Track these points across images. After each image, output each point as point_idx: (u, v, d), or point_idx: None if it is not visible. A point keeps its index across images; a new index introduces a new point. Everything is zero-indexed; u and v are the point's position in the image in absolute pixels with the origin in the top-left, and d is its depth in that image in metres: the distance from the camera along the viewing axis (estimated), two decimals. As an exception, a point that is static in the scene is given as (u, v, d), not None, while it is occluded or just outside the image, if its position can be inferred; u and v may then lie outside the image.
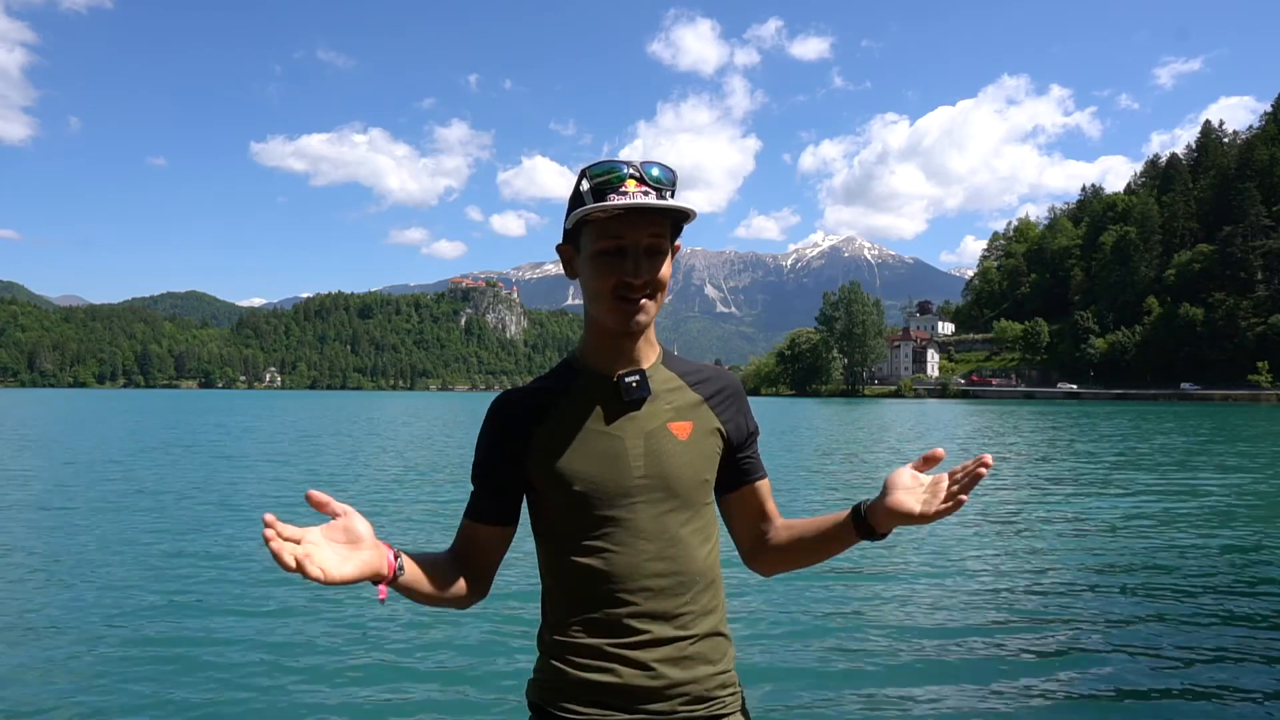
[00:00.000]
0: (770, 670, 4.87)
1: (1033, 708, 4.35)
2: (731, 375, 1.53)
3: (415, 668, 4.93)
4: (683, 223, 1.39)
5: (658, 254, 1.35)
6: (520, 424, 1.41)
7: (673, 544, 1.37)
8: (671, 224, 1.37)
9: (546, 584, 1.43)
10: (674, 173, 1.36)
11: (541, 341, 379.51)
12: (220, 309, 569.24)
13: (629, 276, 1.32)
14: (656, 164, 1.35)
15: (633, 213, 1.30)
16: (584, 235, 1.35)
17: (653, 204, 1.29)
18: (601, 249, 1.33)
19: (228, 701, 4.41)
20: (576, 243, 1.38)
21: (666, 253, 1.36)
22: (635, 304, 1.34)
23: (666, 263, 1.37)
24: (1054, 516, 10.59)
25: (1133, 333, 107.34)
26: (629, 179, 1.31)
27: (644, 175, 1.32)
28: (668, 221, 1.36)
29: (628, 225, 1.31)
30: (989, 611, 6.12)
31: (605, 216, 1.31)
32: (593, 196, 1.31)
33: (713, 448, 1.44)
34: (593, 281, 1.35)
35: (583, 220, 1.33)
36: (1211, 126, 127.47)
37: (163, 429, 30.98)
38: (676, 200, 1.32)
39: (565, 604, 1.38)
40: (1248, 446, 23.14)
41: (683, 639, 1.35)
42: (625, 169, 1.32)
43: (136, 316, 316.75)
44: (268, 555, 5.37)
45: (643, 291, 1.34)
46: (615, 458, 1.37)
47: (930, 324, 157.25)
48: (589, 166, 1.35)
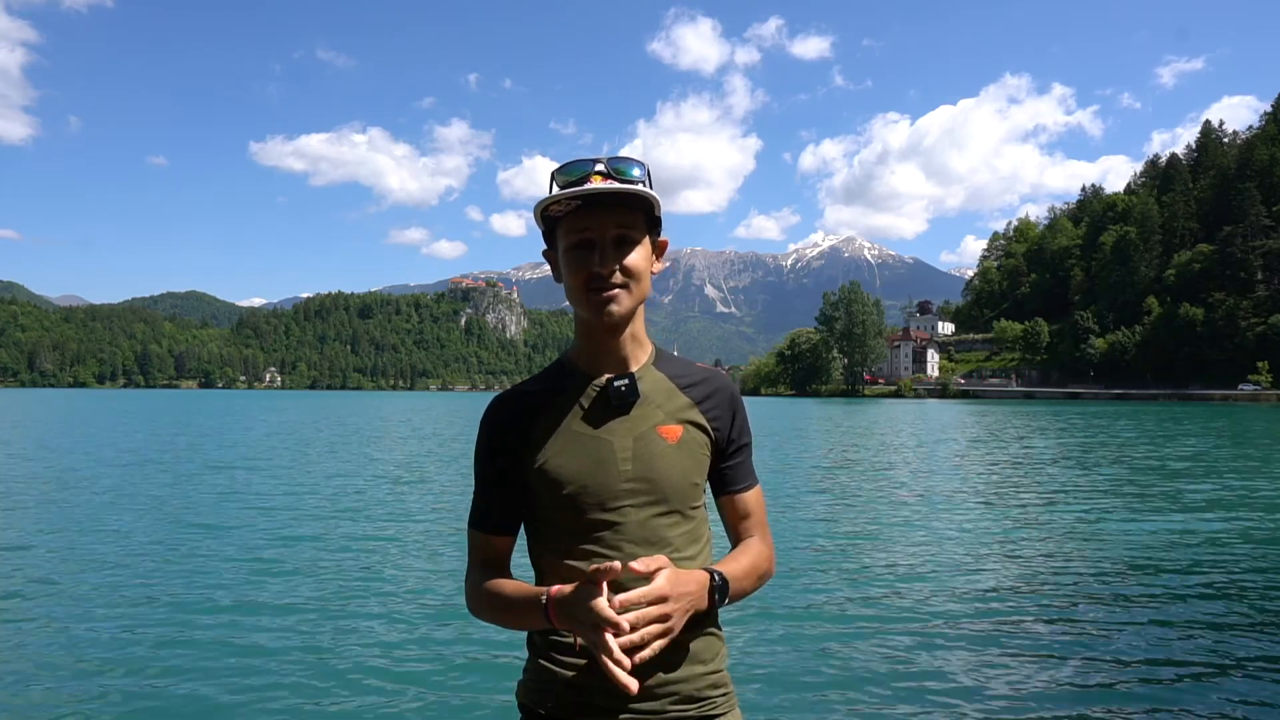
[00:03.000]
0: (765, 670, 4.87)
1: (1033, 708, 4.36)
2: (727, 379, 1.51)
3: (405, 669, 4.93)
4: (653, 212, 1.37)
5: (627, 244, 1.34)
6: (514, 426, 1.41)
7: (661, 547, 1.36)
8: (646, 215, 1.37)
9: (537, 584, 1.42)
10: (644, 165, 1.36)
11: (541, 341, 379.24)
12: (220, 309, 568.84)
13: (596, 267, 1.32)
14: (626, 158, 1.35)
15: (596, 204, 1.31)
16: (558, 234, 1.37)
17: (597, 188, 1.29)
18: (570, 244, 1.34)
19: (221, 702, 4.41)
20: (554, 244, 1.40)
21: (637, 243, 1.36)
22: (605, 294, 1.34)
23: (638, 252, 1.36)
24: (1057, 517, 10.60)
25: (1133, 333, 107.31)
26: (594, 174, 1.32)
27: (609, 169, 1.32)
28: (638, 212, 1.35)
29: (593, 218, 1.32)
30: (989, 611, 6.13)
31: (572, 213, 1.32)
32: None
33: (702, 451, 1.44)
34: (567, 278, 1.36)
35: (555, 221, 1.35)
36: (1211, 126, 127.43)
37: (178, 432, 30.90)
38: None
39: None
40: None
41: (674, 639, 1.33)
42: (591, 165, 1.33)
43: (136, 316, 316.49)
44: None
45: (612, 281, 1.33)
46: (603, 461, 1.36)
47: (930, 324, 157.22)
48: (557, 168, 1.37)
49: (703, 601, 1.33)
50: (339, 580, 7.08)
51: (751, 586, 1.45)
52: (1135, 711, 4.31)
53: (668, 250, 1.48)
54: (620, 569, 1.24)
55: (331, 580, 7.07)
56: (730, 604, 1.38)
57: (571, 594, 1.27)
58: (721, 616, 1.44)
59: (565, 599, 1.28)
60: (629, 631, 1.21)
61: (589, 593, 1.24)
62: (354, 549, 8.45)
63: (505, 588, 1.38)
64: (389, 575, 7.30)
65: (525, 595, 1.34)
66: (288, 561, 7.80)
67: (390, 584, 6.97)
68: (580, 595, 1.25)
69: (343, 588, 6.83)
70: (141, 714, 4.29)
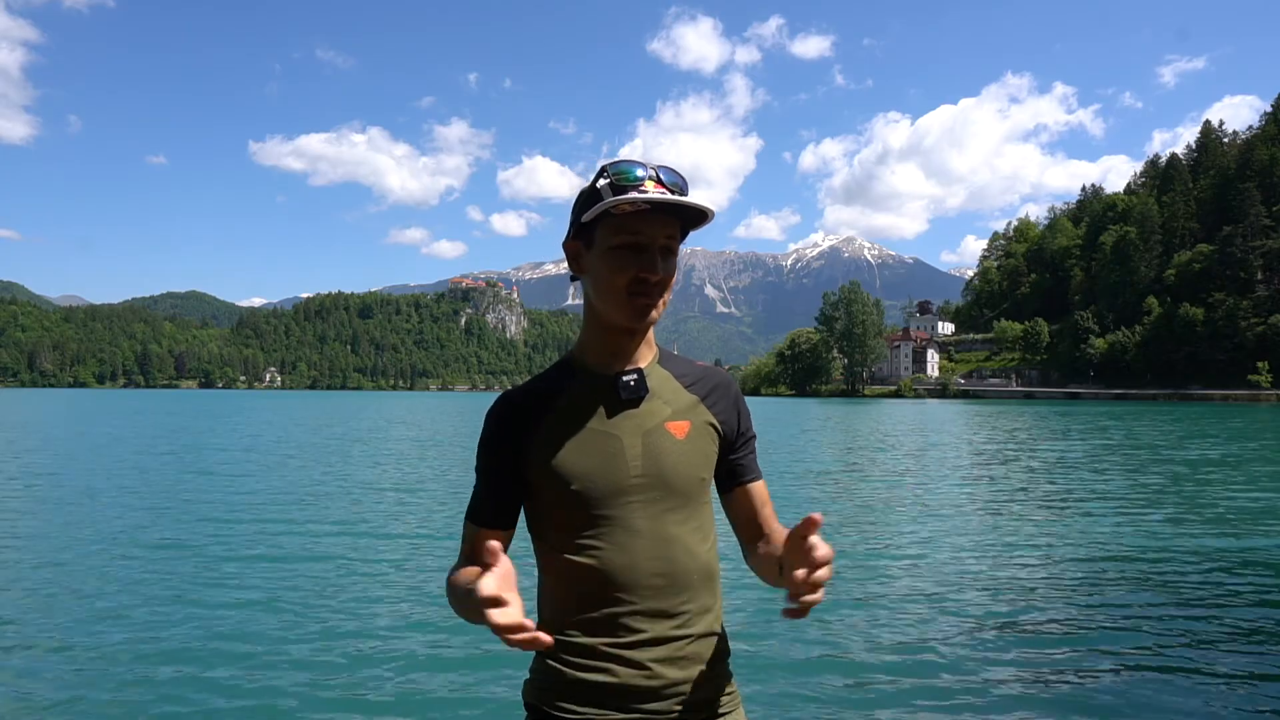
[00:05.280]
0: (769, 670, 4.85)
1: (1032, 709, 4.35)
2: (728, 375, 1.54)
3: (410, 668, 4.92)
4: (691, 228, 1.41)
5: (670, 254, 1.38)
6: (520, 423, 1.41)
7: (669, 543, 1.36)
8: (680, 229, 1.40)
9: (542, 583, 1.42)
10: (686, 180, 1.39)
11: (541, 341, 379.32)
12: (220, 309, 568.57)
13: (646, 272, 1.34)
14: (670, 169, 1.38)
15: (654, 210, 1.33)
16: (600, 230, 1.36)
17: (686, 201, 1.32)
18: (619, 244, 1.34)
19: (223, 700, 4.41)
20: (587, 239, 1.39)
21: (675, 254, 1.40)
22: (648, 300, 1.36)
23: (673, 262, 1.40)
24: (1060, 519, 10.59)
25: (1133, 333, 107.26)
26: (648, 180, 1.34)
27: (661, 177, 1.35)
28: (679, 224, 1.38)
29: (648, 222, 1.34)
30: (993, 613, 6.12)
31: (623, 213, 1.32)
32: (612, 193, 1.32)
33: (709, 447, 1.45)
34: (607, 276, 1.36)
35: (600, 216, 1.34)
36: (1211, 126, 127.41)
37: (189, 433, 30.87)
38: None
39: (561, 603, 1.38)
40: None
41: (679, 638, 1.35)
42: (645, 170, 1.35)
43: (136, 316, 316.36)
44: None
45: (657, 287, 1.36)
46: (612, 456, 1.37)
47: (930, 324, 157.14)
48: (609, 164, 1.37)
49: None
50: (339, 579, 7.08)
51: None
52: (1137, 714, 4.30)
53: None
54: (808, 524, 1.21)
55: (332, 578, 7.07)
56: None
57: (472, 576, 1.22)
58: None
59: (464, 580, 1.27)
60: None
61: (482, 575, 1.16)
62: (354, 548, 8.44)
63: (459, 575, 1.35)
64: (390, 575, 7.29)
65: (467, 579, 1.28)
66: (288, 560, 7.80)
67: (393, 582, 6.97)
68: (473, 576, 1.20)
69: (344, 586, 6.83)
70: (142, 714, 4.29)
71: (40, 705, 4.37)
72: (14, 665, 4.96)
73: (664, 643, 1.33)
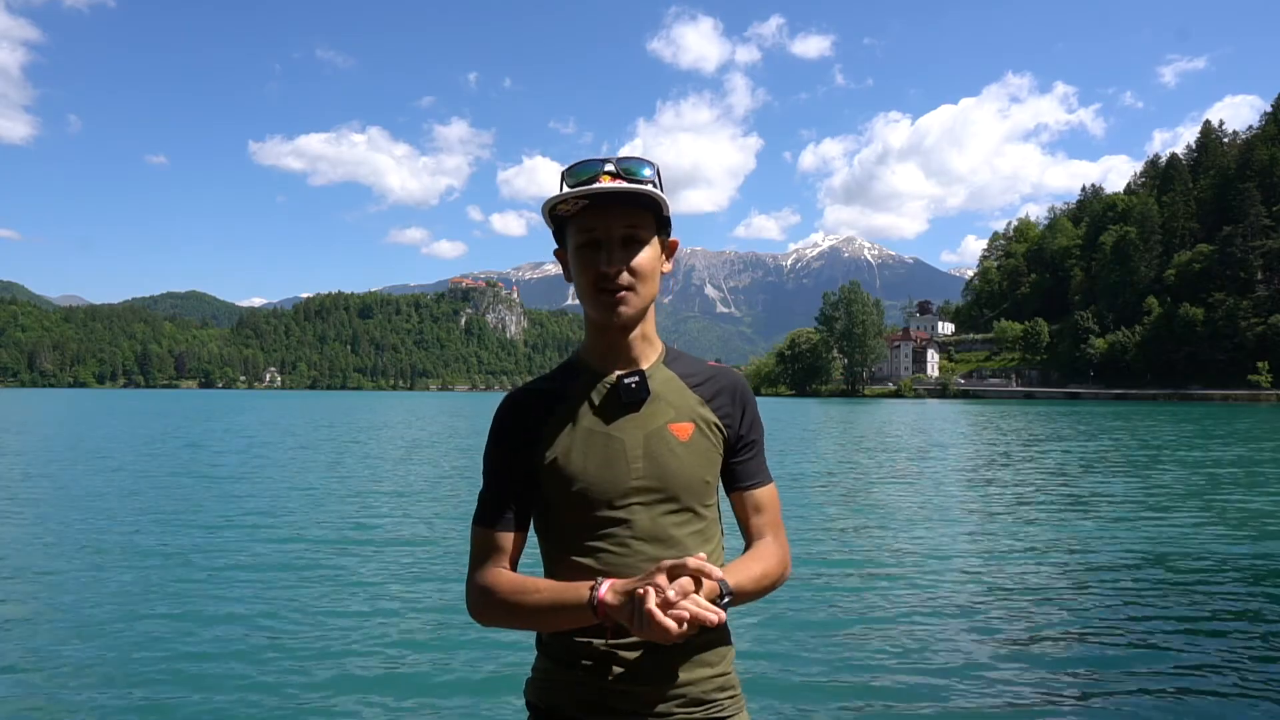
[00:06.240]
0: (773, 673, 4.85)
1: (1033, 711, 4.33)
2: (737, 375, 1.51)
3: (413, 668, 4.92)
4: (662, 213, 1.38)
5: (635, 244, 1.35)
6: (526, 423, 1.41)
7: (671, 545, 1.35)
8: (655, 216, 1.37)
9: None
10: (654, 165, 1.37)
11: (541, 341, 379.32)
12: (220, 309, 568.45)
13: (603, 266, 1.33)
14: (637, 158, 1.36)
15: (605, 204, 1.32)
16: (568, 233, 1.38)
17: (605, 187, 1.30)
18: (579, 243, 1.35)
19: (224, 702, 4.40)
20: (564, 244, 1.41)
21: (646, 242, 1.36)
22: (614, 295, 1.34)
23: (645, 252, 1.36)
24: (1066, 522, 10.58)
25: (1133, 333, 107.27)
26: (603, 174, 1.33)
27: (619, 169, 1.33)
28: (647, 213, 1.36)
29: (602, 217, 1.33)
30: (998, 615, 6.11)
31: (580, 212, 1.33)
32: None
33: (714, 449, 1.43)
34: (576, 277, 1.38)
35: (565, 220, 1.36)
36: (1211, 126, 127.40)
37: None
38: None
39: None
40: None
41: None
42: (601, 165, 1.34)
43: (136, 316, 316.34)
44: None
45: (619, 281, 1.34)
46: (614, 458, 1.36)
47: (930, 324, 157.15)
48: (567, 168, 1.38)
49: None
50: (340, 579, 7.06)
51: (759, 594, 1.41)
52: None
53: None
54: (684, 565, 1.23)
55: (332, 578, 7.05)
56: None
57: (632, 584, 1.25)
58: (729, 619, 1.40)
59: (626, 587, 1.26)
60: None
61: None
62: (355, 548, 8.43)
63: (527, 584, 1.35)
64: (390, 575, 7.27)
65: (563, 589, 1.31)
66: (288, 561, 7.78)
67: (394, 582, 6.95)
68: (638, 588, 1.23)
69: (344, 587, 6.81)
70: (142, 714, 4.27)
71: (40, 705, 4.35)
72: (12, 666, 4.95)
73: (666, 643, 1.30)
